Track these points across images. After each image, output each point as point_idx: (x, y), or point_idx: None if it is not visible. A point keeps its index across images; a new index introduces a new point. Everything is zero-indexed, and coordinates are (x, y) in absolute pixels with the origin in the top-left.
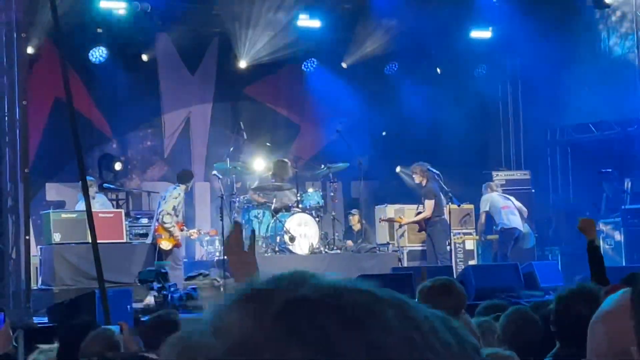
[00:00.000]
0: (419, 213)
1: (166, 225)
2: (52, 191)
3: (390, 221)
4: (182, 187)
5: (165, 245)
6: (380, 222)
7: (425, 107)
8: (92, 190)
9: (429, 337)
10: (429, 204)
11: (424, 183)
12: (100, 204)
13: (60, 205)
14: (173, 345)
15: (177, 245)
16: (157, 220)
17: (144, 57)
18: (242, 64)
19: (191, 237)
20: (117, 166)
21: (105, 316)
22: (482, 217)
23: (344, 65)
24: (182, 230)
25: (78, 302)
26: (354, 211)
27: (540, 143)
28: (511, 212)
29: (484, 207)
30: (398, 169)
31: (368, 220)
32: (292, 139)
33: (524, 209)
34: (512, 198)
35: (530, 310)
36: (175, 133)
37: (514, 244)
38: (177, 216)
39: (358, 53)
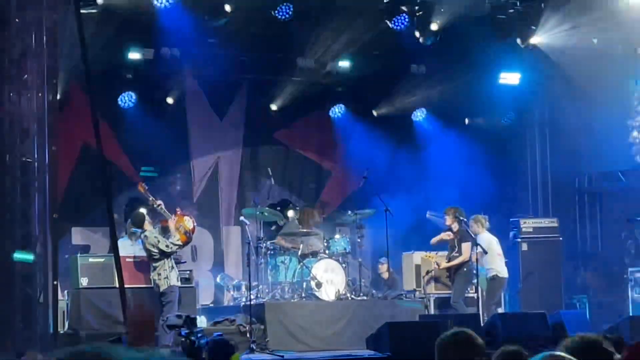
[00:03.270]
0: (449, 259)
1: (174, 247)
2: (78, 235)
3: (436, 264)
4: (147, 228)
5: (187, 225)
6: (427, 259)
7: (452, 153)
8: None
9: None
10: (466, 246)
11: (454, 227)
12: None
13: (85, 249)
14: None
15: (192, 231)
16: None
17: (173, 102)
18: (271, 109)
19: (160, 206)
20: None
21: None
22: (476, 256)
23: (374, 113)
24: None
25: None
26: (382, 260)
27: (569, 191)
28: (503, 260)
29: (484, 245)
30: (428, 214)
31: (395, 267)
32: (321, 185)
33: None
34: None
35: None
36: (204, 178)
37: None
38: (166, 239)
39: (386, 99)
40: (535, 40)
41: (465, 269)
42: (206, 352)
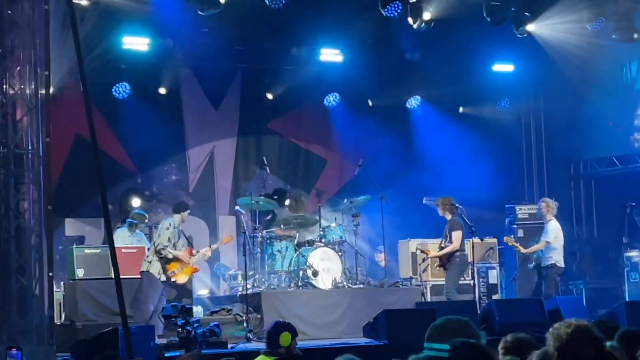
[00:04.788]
0: (442, 248)
1: (168, 257)
2: (72, 226)
3: (423, 252)
4: (177, 217)
5: (182, 278)
6: (416, 250)
7: (447, 140)
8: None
9: None
10: (457, 235)
11: (448, 216)
12: (122, 239)
13: (79, 240)
14: None
15: (195, 272)
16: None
17: (168, 93)
18: (266, 98)
19: (206, 256)
20: (135, 202)
21: (129, 352)
22: (541, 246)
23: (369, 101)
24: (193, 255)
25: (101, 338)
26: (380, 248)
27: (564, 177)
28: (562, 250)
29: (550, 236)
30: (425, 200)
31: (391, 254)
32: (317, 173)
33: None
34: None
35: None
36: (200, 167)
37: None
38: (174, 247)
39: (380, 88)
40: (529, 27)
41: (457, 259)
42: (267, 333)
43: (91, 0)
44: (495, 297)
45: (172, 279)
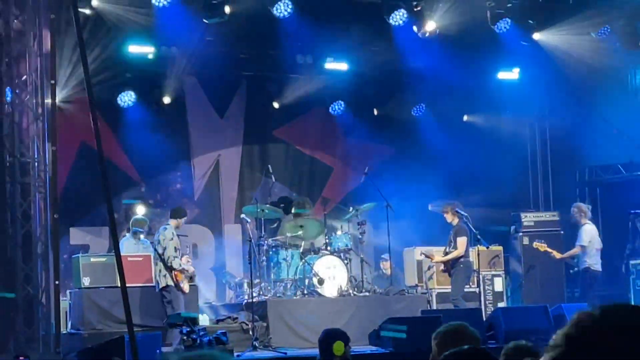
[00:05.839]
0: (446, 253)
1: (178, 269)
2: (76, 235)
3: (427, 257)
4: (173, 222)
5: (187, 287)
6: (421, 255)
7: (453, 148)
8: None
9: None
10: (462, 241)
11: (454, 222)
12: (128, 247)
13: (84, 249)
14: None
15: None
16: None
17: (173, 101)
18: (271, 106)
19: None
20: (140, 210)
21: None
22: (576, 250)
23: (374, 109)
24: (189, 262)
25: (107, 347)
26: (385, 256)
27: (569, 184)
28: (599, 254)
29: (584, 240)
30: (430, 207)
31: (396, 262)
32: (322, 181)
33: None
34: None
35: None
36: (205, 176)
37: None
38: (181, 256)
39: (385, 95)
40: (534, 35)
41: (462, 265)
42: (319, 342)
43: (95, 9)
44: (500, 304)
45: (182, 290)
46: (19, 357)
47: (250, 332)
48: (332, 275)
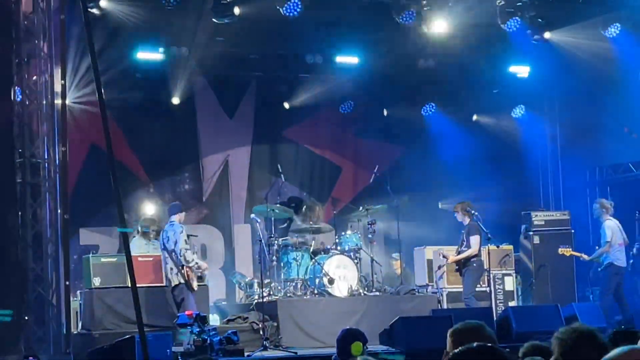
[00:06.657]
0: (459, 252)
1: (191, 265)
2: (86, 235)
3: (444, 257)
4: (176, 218)
5: (196, 285)
6: (439, 255)
7: (462, 147)
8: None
9: None
10: (475, 239)
11: (465, 221)
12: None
13: (94, 249)
14: None
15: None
16: (181, 264)
17: (182, 101)
18: (281, 106)
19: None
20: (149, 210)
21: None
22: (606, 248)
23: (384, 109)
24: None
25: (118, 347)
26: (395, 255)
27: (580, 183)
28: (623, 249)
29: (608, 236)
30: (441, 205)
31: (407, 261)
32: (332, 181)
33: None
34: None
35: None
36: (214, 176)
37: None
38: (195, 251)
39: (395, 95)
40: (545, 33)
41: (474, 264)
42: (337, 342)
43: (104, 9)
44: (511, 304)
45: (192, 289)
46: (29, 358)
47: (261, 332)
48: (343, 274)
